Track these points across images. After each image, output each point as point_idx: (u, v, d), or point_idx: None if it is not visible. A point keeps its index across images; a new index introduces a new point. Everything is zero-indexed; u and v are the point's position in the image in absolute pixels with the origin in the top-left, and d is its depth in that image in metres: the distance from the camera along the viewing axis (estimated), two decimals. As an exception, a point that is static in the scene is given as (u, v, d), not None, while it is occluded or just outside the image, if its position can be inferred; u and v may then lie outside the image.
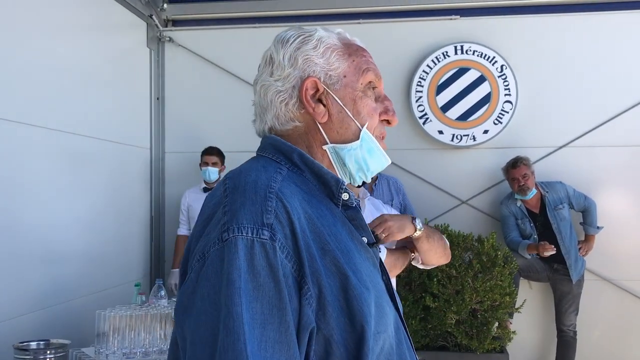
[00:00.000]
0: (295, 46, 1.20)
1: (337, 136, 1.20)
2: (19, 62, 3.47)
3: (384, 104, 1.24)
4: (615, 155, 4.94)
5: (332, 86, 1.19)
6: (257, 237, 0.97)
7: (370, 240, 1.18)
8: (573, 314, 4.71)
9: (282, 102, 1.19)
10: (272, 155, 1.17)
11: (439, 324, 4.11)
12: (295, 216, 1.01)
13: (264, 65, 1.23)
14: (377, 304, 1.06)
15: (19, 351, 2.67)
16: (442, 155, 5.17)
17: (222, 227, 0.99)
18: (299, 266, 0.99)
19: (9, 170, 3.37)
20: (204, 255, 1.00)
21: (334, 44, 1.21)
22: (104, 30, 4.53)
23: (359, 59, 1.23)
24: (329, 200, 1.15)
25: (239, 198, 1.02)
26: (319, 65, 1.19)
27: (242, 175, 1.08)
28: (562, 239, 4.67)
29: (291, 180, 1.10)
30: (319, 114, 1.18)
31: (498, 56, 5.03)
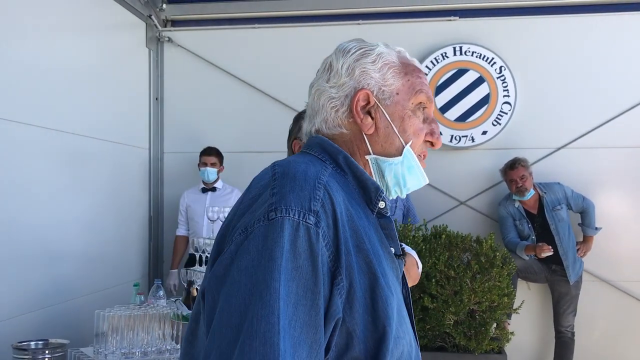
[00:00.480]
0: (354, 57, 1.24)
1: (381, 149, 1.22)
2: (18, 61, 3.47)
3: (431, 126, 1.26)
4: (614, 157, 4.95)
5: (384, 101, 1.22)
6: (303, 220, 0.99)
7: (397, 252, 1.21)
8: (571, 315, 4.71)
9: (332, 108, 1.23)
10: (318, 154, 1.20)
11: (437, 325, 4.11)
12: (338, 209, 1.04)
13: (322, 71, 1.28)
14: (398, 311, 1.09)
15: (17, 351, 2.67)
16: (440, 156, 5.17)
17: (269, 206, 1.01)
18: (336, 257, 1.01)
19: (8, 170, 3.37)
20: (246, 229, 1.01)
21: (392, 61, 1.24)
22: (103, 31, 4.53)
23: (414, 79, 1.25)
24: (365, 205, 1.17)
25: (289, 183, 1.04)
26: (374, 79, 1.22)
27: (292, 165, 1.10)
28: (560, 240, 4.68)
29: (334, 179, 1.12)
30: (366, 125, 1.21)
31: (497, 57, 5.04)
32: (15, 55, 3.43)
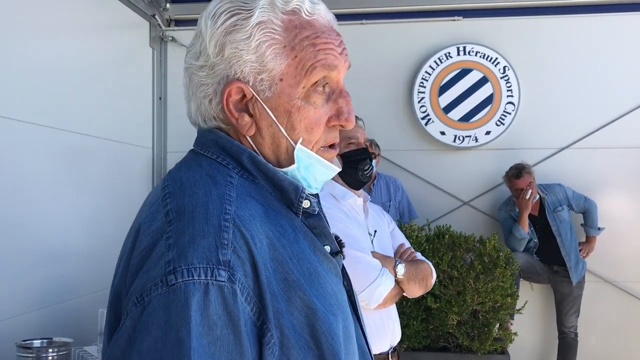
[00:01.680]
0: (223, 30, 0.94)
1: (270, 153, 0.99)
2: (21, 61, 3.47)
3: (337, 104, 1.00)
4: (618, 157, 4.94)
5: (263, 93, 0.95)
6: (213, 279, 0.79)
7: (334, 249, 1.04)
8: (574, 315, 4.70)
9: (205, 97, 0.98)
10: (217, 155, 0.97)
11: (440, 325, 4.11)
12: (256, 247, 0.85)
13: (195, 36, 1.00)
14: (345, 328, 0.94)
15: (22, 349, 2.67)
16: (444, 156, 5.17)
17: (166, 265, 0.80)
18: (261, 309, 0.83)
19: (10, 168, 3.37)
20: (143, 299, 0.80)
21: (272, 35, 0.93)
22: (106, 30, 4.54)
23: (305, 51, 0.95)
24: (287, 209, 0.97)
25: (187, 228, 0.83)
26: (248, 64, 0.94)
27: (187, 192, 0.88)
28: (562, 241, 4.67)
29: (246, 191, 0.92)
30: (243, 126, 0.96)
31: (501, 57, 5.03)
32: (18, 54, 3.44)
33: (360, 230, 2.33)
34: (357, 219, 2.37)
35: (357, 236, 2.24)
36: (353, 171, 2.34)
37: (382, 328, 2.29)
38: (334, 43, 0.98)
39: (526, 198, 4.61)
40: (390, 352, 2.31)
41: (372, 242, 2.36)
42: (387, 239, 2.51)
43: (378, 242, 2.40)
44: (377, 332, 2.26)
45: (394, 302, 2.33)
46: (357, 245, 2.20)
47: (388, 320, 2.32)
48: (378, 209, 2.65)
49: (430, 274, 2.44)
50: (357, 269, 2.13)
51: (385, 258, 2.29)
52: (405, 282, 2.28)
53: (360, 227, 2.34)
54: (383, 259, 2.27)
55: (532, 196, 4.63)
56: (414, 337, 4.11)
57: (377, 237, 2.40)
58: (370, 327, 2.21)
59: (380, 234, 2.45)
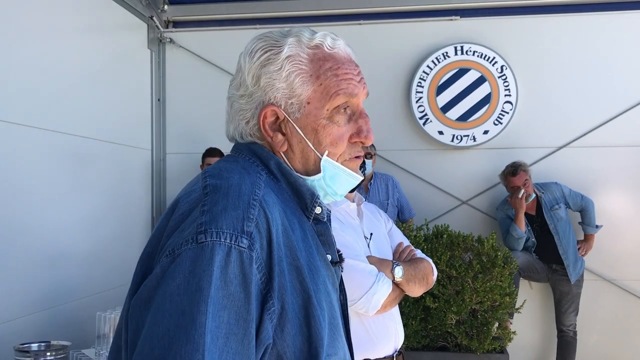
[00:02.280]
0: (259, 64, 1.13)
1: (300, 166, 1.15)
2: (20, 63, 3.48)
3: (357, 124, 1.16)
4: (615, 155, 4.95)
5: (293, 114, 1.12)
6: (236, 244, 0.93)
7: (334, 259, 1.16)
8: (573, 314, 4.71)
9: (243, 120, 1.16)
10: (249, 158, 1.14)
11: (439, 325, 4.11)
12: (274, 227, 0.99)
13: (236, 72, 1.19)
14: (331, 325, 1.05)
15: (19, 353, 2.68)
16: (442, 156, 5.18)
17: (198, 227, 0.94)
18: (268, 280, 0.96)
19: (11, 171, 3.38)
20: (174, 251, 0.94)
21: (299, 66, 1.11)
22: (104, 32, 4.54)
23: (329, 80, 1.12)
24: (301, 212, 1.12)
25: (221, 200, 0.97)
26: (280, 90, 1.11)
27: (225, 175, 1.03)
28: (559, 240, 4.68)
29: (270, 186, 1.08)
30: (277, 143, 1.13)
31: (498, 57, 5.03)
32: (17, 57, 3.45)
33: (356, 235, 2.32)
34: (352, 224, 2.36)
35: (352, 243, 2.23)
36: None
37: (385, 331, 2.27)
38: (353, 73, 1.15)
39: (518, 197, 4.62)
40: (395, 355, 2.31)
41: (368, 245, 2.35)
42: (385, 240, 2.50)
43: (375, 244, 2.39)
44: (381, 336, 2.24)
45: (395, 305, 2.32)
46: (352, 253, 2.18)
47: (391, 323, 2.30)
48: (374, 208, 2.64)
49: (431, 272, 2.42)
50: (352, 277, 2.13)
51: (382, 262, 2.28)
52: (405, 284, 2.27)
53: (355, 232, 2.33)
54: (379, 263, 2.25)
55: (525, 195, 4.63)
56: (413, 336, 4.12)
57: (373, 240, 2.39)
58: (374, 331, 2.22)
59: (377, 236, 2.44)
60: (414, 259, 2.42)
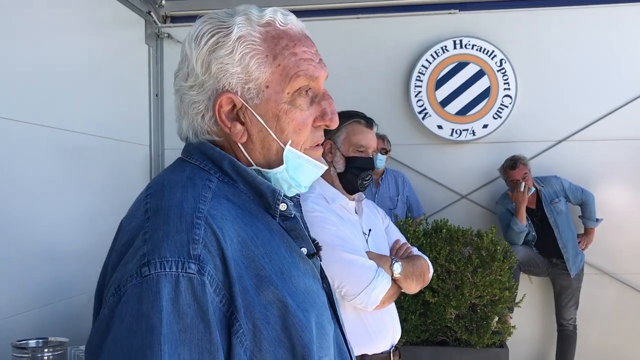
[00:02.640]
0: (207, 49, 1.02)
1: (261, 157, 1.06)
2: (16, 60, 3.46)
3: (320, 106, 1.07)
4: (615, 149, 4.93)
5: (251, 101, 1.02)
6: (183, 271, 0.86)
7: (311, 251, 1.09)
8: (573, 308, 4.70)
9: (197, 114, 1.05)
10: (200, 162, 1.04)
11: (439, 319, 4.10)
12: (227, 244, 0.91)
13: (181, 62, 1.08)
14: (318, 324, 0.99)
15: (17, 349, 2.68)
16: (441, 150, 5.16)
17: (141, 258, 0.87)
18: (230, 300, 0.89)
19: (8, 168, 3.37)
20: (119, 289, 0.87)
21: (253, 46, 1.01)
22: (102, 28, 4.52)
23: (287, 60, 1.03)
24: (265, 212, 1.04)
25: (162, 225, 0.90)
26: (235, 76, 1.01)
27: (166, 193, 0.95)
28: (559, 233, 4.66)
29: (222, 193, 0.99)
30: (236, 134, 1.04)
31: (497, 50, 5.01)
32: (14, 53, 3.43)
33: (354, 230, 2.31)
34: (351, 219, 2.35)
35: (350, 238, 2.22)
36: (353, 177, 2.33)
37: (383, 327, 2.27)
38: (312, 52, 1.06)
39: (520, 191, 4.60)
40: (392, 350, 2.30)
41: (366, 241, 2.35)
42: (383, 237, 2.50)
43: (373, 240, 2.39)
44: (378, 332, 2.25)
45: (393, 301, 2.32)
46: (351, 247, 2.18)
47: (388, 318, 2.31)
48: (372, 205, 2.63)
49: (428, 269, 2.43)
50: (352, 271, 2.13)
51: (381, 257, 2.28)
52: (403, 280, 2.26)
53: (354, 228, 2.32)
54: (378, 258, 2.25)
55: (527, 189, 4.62)
56: (412, 331, 4.11)
57: (371, 236, 2.39)
58: (371, 326, 2.22)
59: (375, 232, 2.44)
60: (411, 256, 2.42)
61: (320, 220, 2.19)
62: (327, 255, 2.14)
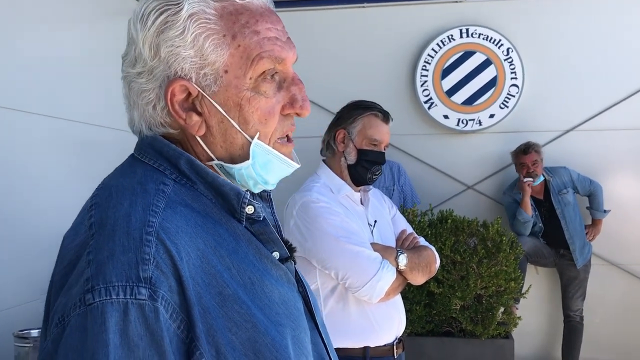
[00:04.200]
0: (155, 30, 0.87)
1: (222, 151, 0.93)
2: (22, 51, 3.45)
3: (289, 92, 0.94)
4: (623, 139, 4.88)
5: (208, 88, 0.89)
6: (132, 297, 0.75)
7: (284, 255, 0.98)
8: (580, 299, 4.67)
9: (148, 104, 0.91)
10: (154, 161, 0.91)
11: (444, 310, 4.09)
12: (182, 261, 0.80)
13: (128, 44, 0.93)
14: (295, 338, 0.90)
15: (19, 339, 2.67)
16: (447, 140, 5.13)
17: (85, 283, 0.76)
18: (188, 326, 0.79)
19: (13, 158, 3.37)
20: (63, 319, 0.77)
21: (207, 25, 0.87)
22: (102, 18, 4.50)
23: (248, 40, 0.89)
24: (229, 216, 0.92)
25: (107, 243, 0.78)
26: (188, 60, 0.87)
27: (112, 202, 0.84)
28: (566, 224, 4.63)
29: (179, 199, 0.87)
30: (192, 126, 0.90)
31: (504, 39, 4.96)
32: (17, 44, 3.42)
33: (360, 221, 2.29)
34: (356, 210, 2.33)
35: (356, 230, 2.20)
36: (363, 170, 2.31)
37: (388, 319, 2.25)
38: (277, 29, 0.92)
39: (522, 180, 4.58)
40: (395, 342, 2.28)
41: (372, 232, 2.33)
42: (389, 227, 2.47)
43: (378, 231, 2.36)
44: (382, 324, 2.23)
45: (398, 293, 2.29)
46: (356, 239, 2.16)
47: (394, 311, 2.28)
48: (378, 194, 2.60)
49: (434, 260, 2.40)
50: (356, 263, 2.11)
51: (386, 249, 2.25)
52: (408, 272, 2.24)
53: (359, 218, 2.30)
54: (384, 250, 2.23)
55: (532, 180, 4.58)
56: (417, 322, 4.10)
57: (377, 227, 2.36)
58: (376, 319, 2.20)
59: (381, 223, 2.41)
60: (417, 247, 2.40)
61: (325, 211, 2.18)
62: (332, 246, 2.14)
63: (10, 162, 3.37)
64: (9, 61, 3.35)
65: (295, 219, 2.21)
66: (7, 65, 3.35)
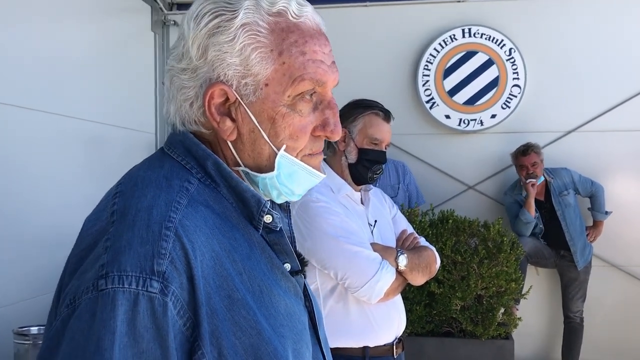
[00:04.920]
0: (207, 32, 0.90)
1: (250, 160, 0.95)
2: (24, 48, 3.45)
3: (324, 115, 0.95)
4: (625, 140, 4.87)
5: (246, 97, 0.91)
6: (144, 289, 0.76)
7: (295, 268, 0.98)
8: (580, 300, 4.67)
9: (186, 101, 0.93)
10: (182, 158, 0.93)
11: (444, 310, 4.08)
12: (197, 260, 0.81)
13: (178, 39, 0.96)
14: (295, 352, 0.90)
15: (19, 336, 2.67)
16: (448, 140, 5.12)
17: (99, 269, 0.77)
18: (194, 325, 0.79)
19: (13, 154, 3.37)
20: (74, 301, 0.78)
21: (257, 37, 0.89)
22: (107, 15, 4.50)
23: (294, 59, 0.90)
24: (247, 222, 0.93)
25: (126, 232, 0.79)
26: (232, 67, 0.89)
27: (137, 193, 0.85)
28: (567, 226, 4.62)
29: (201, 198, 0.89)
30: (225, 130, 0.92)
31: (506, 39, 4.95)
32: (20, 40, 3.41)
33: (360, 221, 2.28)
34: (356, 210, 2.32)
35: (355, 230, 2.19)
36: (364, 169, 2.29)
37: (387, 320, 2.24)
38: (324, 52, 0.94)
39: (525, 182, 4.57)
40: (395, 342, 2.28)
41: (372, 232, 2.32)
42: (389, 227, 2.46)
43: (379, 231, 2.35)
44: (382, 324, 2.22)
45: (398, 294, 2.29)
46: (356, 239, 2.15)
47: (394, 311, 2.28)
48: (379, 193, 2.59)
49: (434, 260, 2.39)
50: (356, 263, 2.11)
51: (386, 249, 2.24)
52: (408, 272, 2.23)
53: (359, 218, 2.29)
54: (384, 250, 2.22)
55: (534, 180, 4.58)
56: (417, 322, 4.09)
57: (377, 227, 2.35)
58: (376, 319, 2.19)
59: (382, 223, 2.40)
60: (418, 247, 2.39)
61: (325, 211, 2.17)
62: (331, 246, 2.13)
63: (12, 159, 3.37)
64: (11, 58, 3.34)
65: (294, 218, 2.19)
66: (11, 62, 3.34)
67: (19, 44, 3.43)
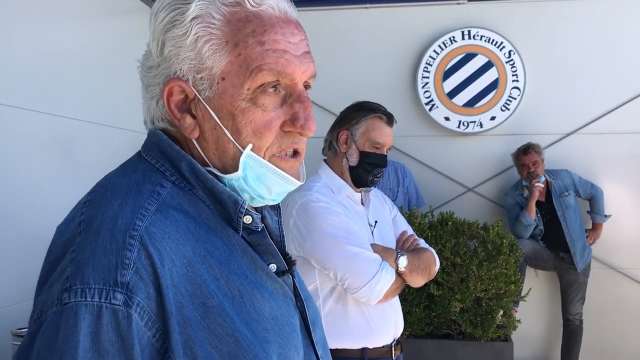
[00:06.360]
0: (162, 27, 0.87)
1: (215, 158, 0.91)
2: (24, 48, 3.44)
3: (292, 109, 0.89)
4: (625, 143, 4.87)
5: (204, 92, 0.87)
6: (107, 302, 0.73)
7: (281, 267, 0.95)
8: (579, 302, 4.66)
9: (152, 98, 0.92)
10: (156, 160, 0.90)
11: (443, 312, 4.08)
12: (165, 268, 0.77)
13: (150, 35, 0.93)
14: (281, 356, 0.87)
15: (17, 337, 2.66)
16: (448, 142, 5.12)
17: (64, 282, 0.75)
18: (165, 335, 0.76)
19: (5, 154, 3.35)
20: (41, 315, 0.76)
21: (209, 29, 0.85)
22: (107, 15, 4.49)
23: (250, 50, 0.85)
24: (225, 224, 0.89)
25: (90, 243, 0.77)
26: (187, 60, 0.86)
27: (104, 202, 0.82)
28: (567, 227, 4.62)
29: (174, 202, 0.85)
30: (186, 128, 0.89)
31: (506, 41, 4.95)
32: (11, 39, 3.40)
33: (360, 222, 2.28)
34: (357, 210, 2.32)
35: (356, 231, 2.19)
36: (365, 172, 2.29)
37: (385, 321, 2.24)
38: (289, 41, 0.87)
39: (533, 184, 4.57)
40: (393, 344, 2.27)
41: (372, 233, 2.32)
42: (389, 228, 2.46)
43: (379, 232, 2.35)
44: (380, 326, 2.22)
45: (397, 295, 2.28)
46: (356, 240, 2.15)
47: (392, 313, 2.27)
48: (379, 194, 2.59)
49: (434, 262, 2.38)
50: (355, 264, 2.10)
51: (387, 250, 2.24)
52: (408, 274, 2.23)
53: (359, 219, 2.29)
54: (384, 251, 2.21)
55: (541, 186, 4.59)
56: (416, 324, 4.08)
57: (377, 228, 2.35)
58: (374, 320, 2.19)
59: (382, 224, 2.40)
60: (417, 249, 2.38)
61: (325, 211, 2.16)
62: (331, 247, 2.13)
63: (10, 162, 3.36)
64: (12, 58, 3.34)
65: (294, 218, 2.19)
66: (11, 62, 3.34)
67: (19, 44, 3.42)
